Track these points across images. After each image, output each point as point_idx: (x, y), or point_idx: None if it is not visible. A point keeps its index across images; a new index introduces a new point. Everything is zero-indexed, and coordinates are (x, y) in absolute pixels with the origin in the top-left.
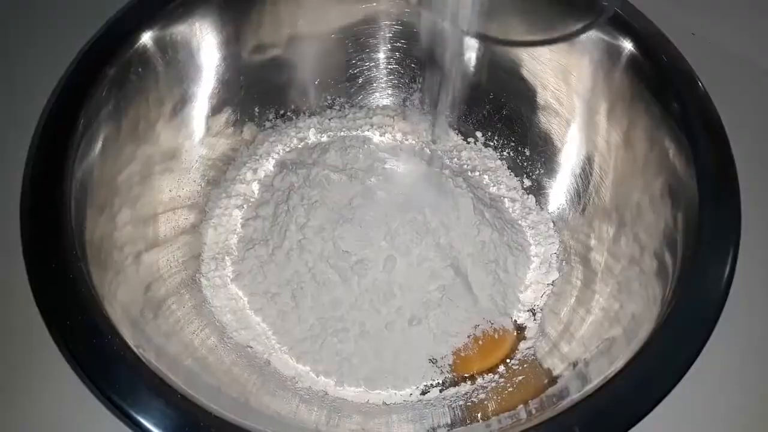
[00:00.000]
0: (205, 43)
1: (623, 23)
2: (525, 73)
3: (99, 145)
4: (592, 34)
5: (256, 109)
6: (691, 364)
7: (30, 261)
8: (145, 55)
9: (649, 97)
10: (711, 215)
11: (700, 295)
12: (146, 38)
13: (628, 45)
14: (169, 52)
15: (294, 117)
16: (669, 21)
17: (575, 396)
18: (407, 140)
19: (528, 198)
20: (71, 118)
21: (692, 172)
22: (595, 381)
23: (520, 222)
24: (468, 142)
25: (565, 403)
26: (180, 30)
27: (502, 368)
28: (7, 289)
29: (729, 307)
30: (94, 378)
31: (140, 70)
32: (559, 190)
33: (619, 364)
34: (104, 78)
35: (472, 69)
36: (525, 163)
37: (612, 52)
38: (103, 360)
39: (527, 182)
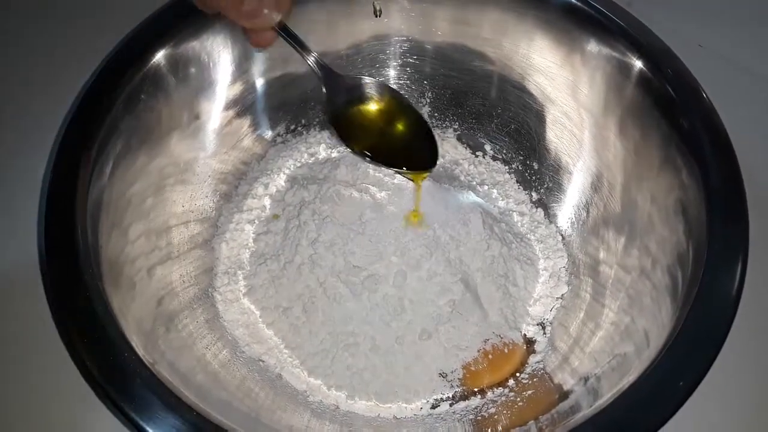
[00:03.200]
0: (217, 60)
1: (631, 39)
2: (533, 87)
3: (114, 163)
4: (602, 50)
5: (268, 124)
6: (701, 379)
7: (48, 281)
8: (158, 74)
9: (657, 113)
10: (719, 230)
11: (710, 309)
12: (159, 57)
13: (635, 61)
14: (181, 70)
15: (304, 132)
16: (677, 33)
17: (587, 411)
18: None
19: (537, 211)
20: (87, 138)
21: (700, 188)
22: (607, 396)
23: (528, 236)
24: (477, 156)
25: (577, 418)
26: (192, 48)
27: (511, 382)
28: (26, 307)
29: (738, 320)
30: (111, 395)
31: (153, 88)
32: (568, 203)
33: (630, 379)
34: (118, 97)
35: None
36: (533, 177)
37: (620, 69)
38: (120, 377)
39: (536, 196)
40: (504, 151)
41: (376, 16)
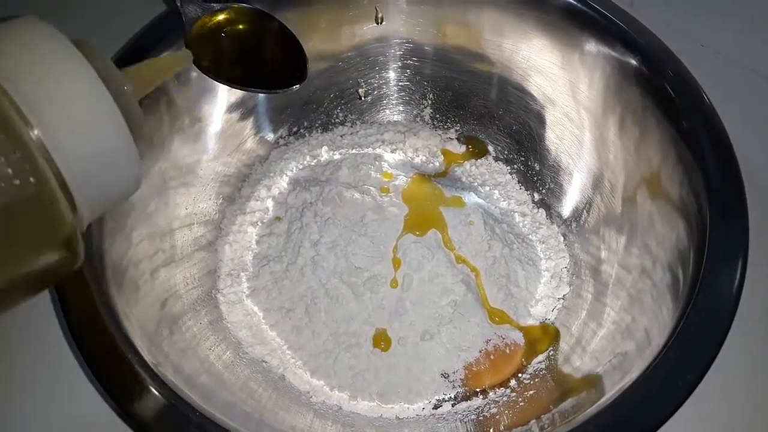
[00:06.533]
0: None
1: (630, 40)
2: (534, 88)
3: None
4: (601, 50)
5: (270, 127)
6: (702, 377)
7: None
8: None
9: (657, 113)
10: (720, 229)
11: (711, 308)
12: None
13: (634, 62)
14: (183, 74)
15: (307, 134)
16: (679, 33)
17: (588, 410)
18: (418, 156)
19: (538, 212)
20: None
21: (700, 187)
22: (608, 395)
23: (530, 236)
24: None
25: (578, 418)
26: None
27: (513, 382)
28: (30, 308)
29: (739, 319)
30: (115, 395)
31: (155, 92)
32: (570, 203)
33: (631, 377)
34: None
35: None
36: (535, 177)
37: (619, 69)
38: (124, 378)
39: (537, 196)
40: (505, 152)
41: (378, 23)
